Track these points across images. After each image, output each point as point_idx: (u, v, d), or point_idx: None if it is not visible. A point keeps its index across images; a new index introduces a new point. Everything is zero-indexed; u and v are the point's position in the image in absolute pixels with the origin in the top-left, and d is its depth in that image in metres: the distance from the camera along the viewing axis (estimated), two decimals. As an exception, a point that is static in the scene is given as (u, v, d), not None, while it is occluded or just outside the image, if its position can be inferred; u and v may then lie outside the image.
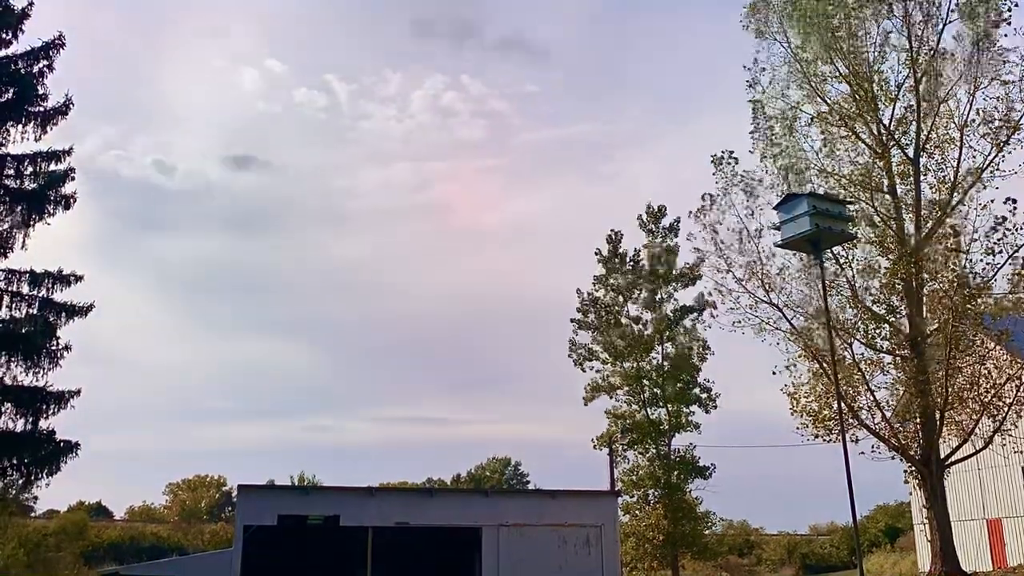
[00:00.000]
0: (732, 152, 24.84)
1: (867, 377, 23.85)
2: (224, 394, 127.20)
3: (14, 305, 25.62)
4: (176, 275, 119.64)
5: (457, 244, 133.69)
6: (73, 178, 26.53)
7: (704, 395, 37.04)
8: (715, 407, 37.00)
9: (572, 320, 38.51)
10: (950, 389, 22.68)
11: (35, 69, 26.54)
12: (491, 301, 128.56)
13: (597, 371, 38.05)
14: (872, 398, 23.86)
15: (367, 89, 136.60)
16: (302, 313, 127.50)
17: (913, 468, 23.70)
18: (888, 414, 23.96)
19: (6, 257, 25.68)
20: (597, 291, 38.61)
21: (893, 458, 23.95)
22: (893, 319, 23.86)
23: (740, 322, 24.42)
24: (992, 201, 22.33)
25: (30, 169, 26.14)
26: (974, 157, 23.17)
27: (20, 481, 25.65)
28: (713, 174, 24.98)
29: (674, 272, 37.81)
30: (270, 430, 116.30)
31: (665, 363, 37.59)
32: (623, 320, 38.06)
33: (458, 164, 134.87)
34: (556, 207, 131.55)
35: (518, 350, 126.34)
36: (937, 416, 22.99)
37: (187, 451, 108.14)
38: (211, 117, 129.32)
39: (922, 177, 23.89)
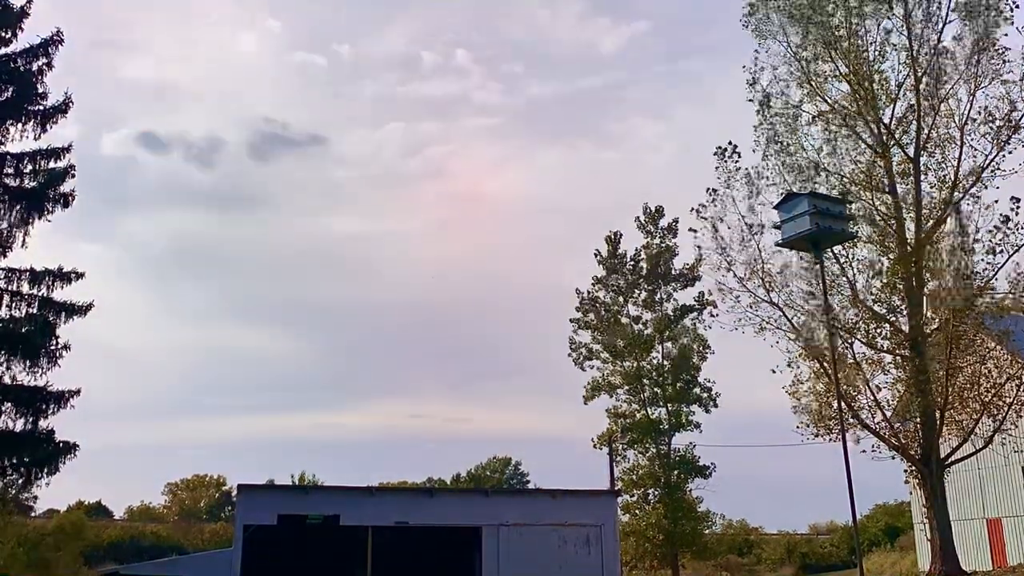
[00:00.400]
0: (736, 146, 24.80)
1: (867, 376, 23.83)
2: (214, 389, 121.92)
3: (14, 304, 25.61)
4: (159, 257, 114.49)
5: (456, 218, 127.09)
6: (73, 176, 26.55)
7: (704, 395, 37.08)
8: (715, 407, 37.09)
9: (572, 320, 38.60)
10: (950, 389, 22.67)
11: (34, 67, 26.53)
12: (490, 282, 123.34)
13: (597, 370, 38.15)
14: (872, 398, 23.85)
15: (368, 49, 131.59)
16: (291, 298, 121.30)
17: (913, 468, 23.69)
18: (888, 413, 23.94)
19: (5, 256, 25.70)
20: (597, 291, 38.69)
21: (893, 458, 23.95)
22: (893, 318, 23.85)
23: (741, 321, 24.41)
24: (996, 201, 22.36)
25: (29, 167, 26.13)
26: (975, 156, 23.18)
27: (20, 481, 25.64)
28: (716, 167, 24.94)
29: (673, 272, 37.86)
30: (264, 426, 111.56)
31: (665, 362, 37.62)
32: (623, 320, 38.10)
33: (459, 126, 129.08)
34: (562, 174, 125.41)
35: (519, 338, 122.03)
36: (937, 416, 22.98)
37: (173, 450, 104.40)
38: (200, 84, 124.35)
39: (923, 176, 23.88)
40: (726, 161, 24.66)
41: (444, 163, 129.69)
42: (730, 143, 24.69)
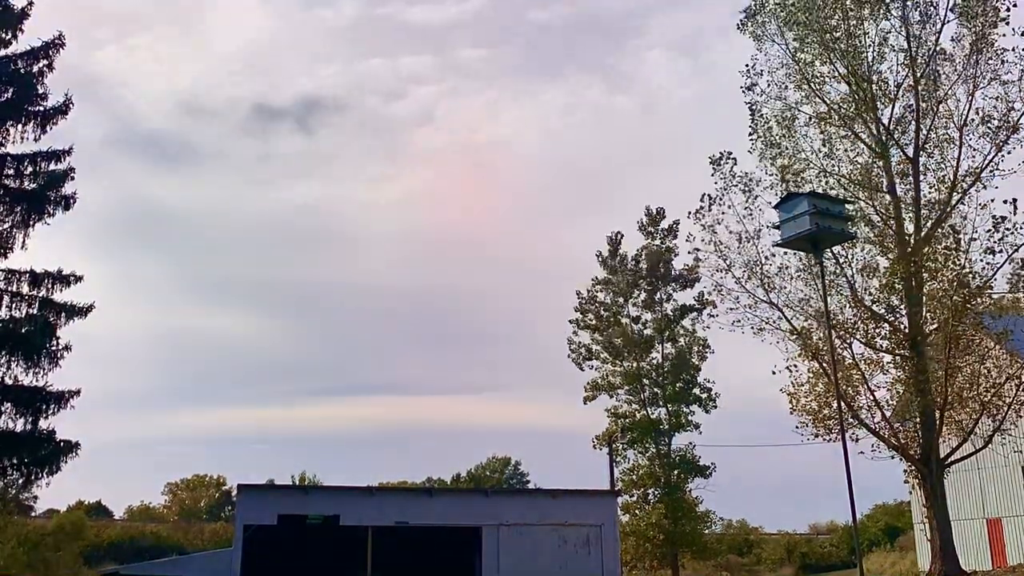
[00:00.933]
0: (731, 152, 24.83)
1: (867, 376, 23.84)
2: (195, 380, 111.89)
3: (14, 305, 25.62)
4: (111, 225, 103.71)
5: (449, 180, 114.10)
6: (73, 178, 26.50)
7: (704, 395, 37.13)
8: (715, 407, 37.15)
9: (571, 321, 38.70)
10: (950, 389, 22.67)
11: (35, 69, 26.55)
12: (490, 258, 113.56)
13: (597, 370, 38.21)
14: (872, 397, 23.87)
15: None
16: (274, 278, 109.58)
17: (913, 467, 23.71)
18: (888, 413, 23.96)
19: (6, 257, 25.72)
20: (597, 291, 38.77)
21: (893, 457, 23.95)
22: (893, 319, 23.86)
23: (740, 322, 24.41)
24: (992, 201, 22.36)
25: (30, 169, 26.14)
26: (973, 157, 23.19)
27: (20, 481, 25.68)
28: (712, 175, 24.93)
29: (673, 272, 37.93)
30: (249, 421, 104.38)
31: (665, 363, 37.67)
32: (623, 320, 38.16)
33: (445, 61, 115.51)
34: (568, 121, 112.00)
35: (520, 325, 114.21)
36: (937, 415, 22.99)
37: (149, 446, 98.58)
38: (146, 14, 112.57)
39: (921, 177, 23.89)
40: (722, 167, 24.63)
41: (433, 107, 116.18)
42: (724, 151, 24.68)
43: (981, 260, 22.31)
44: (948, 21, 23.49)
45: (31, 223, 25.89)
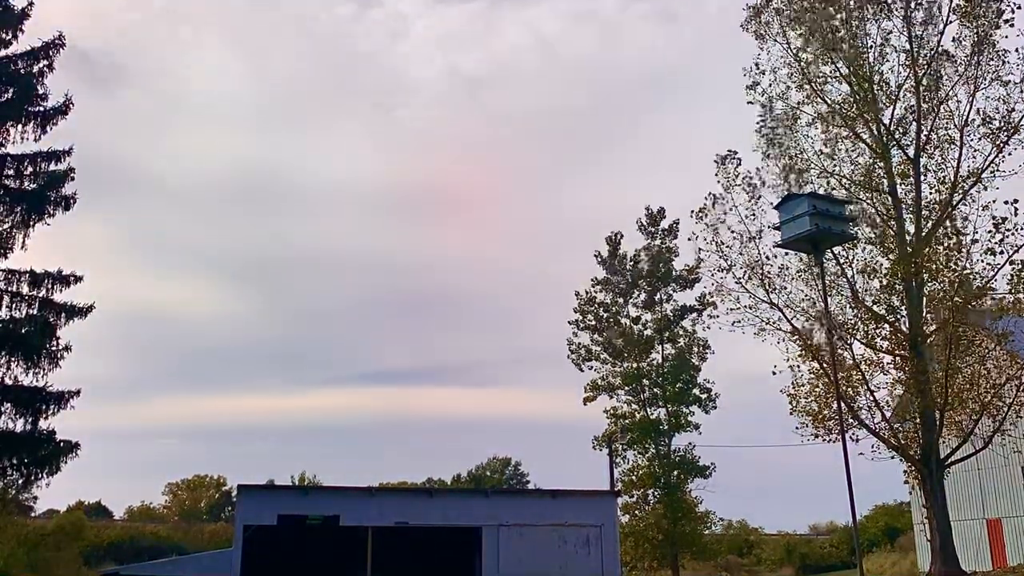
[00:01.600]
0: (736, 152, 24.84)
1: (867, 377, 23.84)
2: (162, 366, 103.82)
3: (14, 305, 25.63)
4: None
5: (429, 121, 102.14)
6: (73, 178, 26.50)
7: (704, 395, 37.14)
8: (715, 407, 37.15)
9: (570, 322, 38.70)
10: (950, 389, 22.67)
11: (35, 69, 26.55)
12: (484, 230, 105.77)
13: (596, 371, 38.20)
14: (872, 398, 23.87)
15: None
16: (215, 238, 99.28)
17: (913, 468, 23.71)
18: (888, 414, 23.96)
19: (6, 257, 25.71)
20: (596, 292, 38.77)
21: (893, 458, 23.96)
22: (893, 319, 23.86)
23: (740, 322, 24.41)
24: (993, 202, 22.35)
25: (30, 169, 26.14)
26: (974, 157, 23.20)
27: (20, 481, 25.67)
28: (715, 174, 24.92)
29: (674, 273, 37.92)
30: (223, 411, 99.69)
31: (665, 363, 37.66)
32: (622, 320, 38.16)
33: None
34: (565, 43, 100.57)
35: (517, 309, 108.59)
36: (937, 416, 23.00)
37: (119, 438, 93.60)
38: None
39: (922, 177, 23.90)
40: (725, 166, 24.62)
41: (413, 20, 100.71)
42: (730, 151, 24.68)
43: (982, 261, 22.34)
44: (950, 22, 23.51)
45: (31, 223, 25.89)
